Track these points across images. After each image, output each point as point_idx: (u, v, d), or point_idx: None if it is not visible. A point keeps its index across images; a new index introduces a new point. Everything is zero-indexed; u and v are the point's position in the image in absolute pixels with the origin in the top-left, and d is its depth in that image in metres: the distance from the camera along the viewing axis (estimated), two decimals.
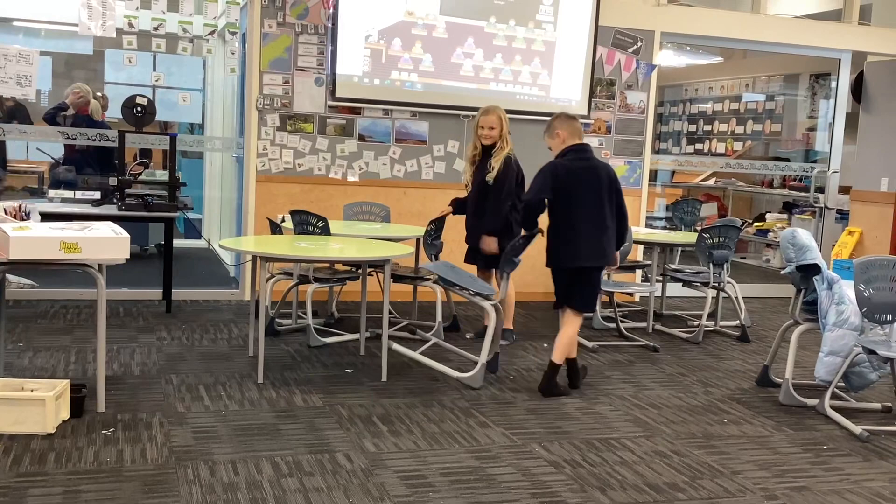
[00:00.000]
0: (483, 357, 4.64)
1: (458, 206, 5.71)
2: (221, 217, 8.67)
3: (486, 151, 5.45)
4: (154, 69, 7.72)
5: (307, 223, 5.32)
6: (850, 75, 8.35)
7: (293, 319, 5.75)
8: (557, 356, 4.52)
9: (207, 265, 8.05)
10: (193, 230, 7.87)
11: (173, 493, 3.10)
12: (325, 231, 5.27)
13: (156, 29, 6.51)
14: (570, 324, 4.55)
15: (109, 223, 4.14)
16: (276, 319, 5.60)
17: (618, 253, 4.65)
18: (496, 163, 5.35)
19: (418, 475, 3.37)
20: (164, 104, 7.50)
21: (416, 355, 4.80)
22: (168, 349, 5.12)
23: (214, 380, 4.52)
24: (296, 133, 6.60)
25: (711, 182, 10.48)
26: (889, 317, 4.32)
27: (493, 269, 5.37)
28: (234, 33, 6.82)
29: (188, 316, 6.06)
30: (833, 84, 8.47)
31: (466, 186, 5.63)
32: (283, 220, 5.71)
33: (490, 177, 5.35)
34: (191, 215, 7.69)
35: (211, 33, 6.87)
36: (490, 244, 5.34)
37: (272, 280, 5.39)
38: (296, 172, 6.64)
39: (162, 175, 6.78)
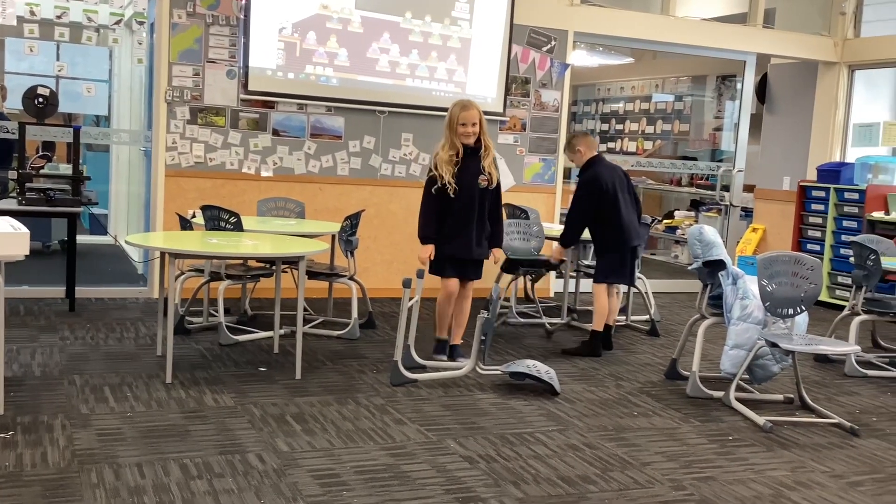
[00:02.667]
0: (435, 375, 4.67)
1: (434, 229, 4.93)
2: (129, 212, 8.41)
3: (468, 151, 4.89)
4: (57, 59, 7.43)
5: (219, 219, 5.20)
6: (755, 77, 8.64)
7: (204, 317, 5.62)
8: (610, 321, 5.62)
9: (114, 262, 7.80)
10: (99, 226, 7.63)
11: (76, 497, 2.99)
12: (238, 227, 5.17)
13: (59, 17, 6.28)
14: (613, 294, 5.66)
15: (7, 218, 3.96)
16: (187, 317, 5.46)
17: None
18: (492, 168, 4.93)
19: (332, 474, 3.33)
20: (67, 95, 7.23)
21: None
22: (71, 349, 4.94)
23: (120, 380, 4.38)
24: (207, 126, 6.45)
25: None
26: (790, 311, 4.49)
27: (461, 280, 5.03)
28: (141, 23, 6.63)
29: (93, 314, 5.86)
30: (738, 85, 8.76)
31: (446, 187, 4.81)
32: (193, 216, 5.57)
33: (486, 181, 4.90)
34: (96, 210, 7.45)
35: (117, 23, 6.67)
36: (500, 255, 5.15)
37: (182, 277, 5.26)
38: (207, 167, 6.49)
39: (65, 169, 6.54)
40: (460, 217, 4.89)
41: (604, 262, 5.61)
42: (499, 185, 5.04)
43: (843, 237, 7.78)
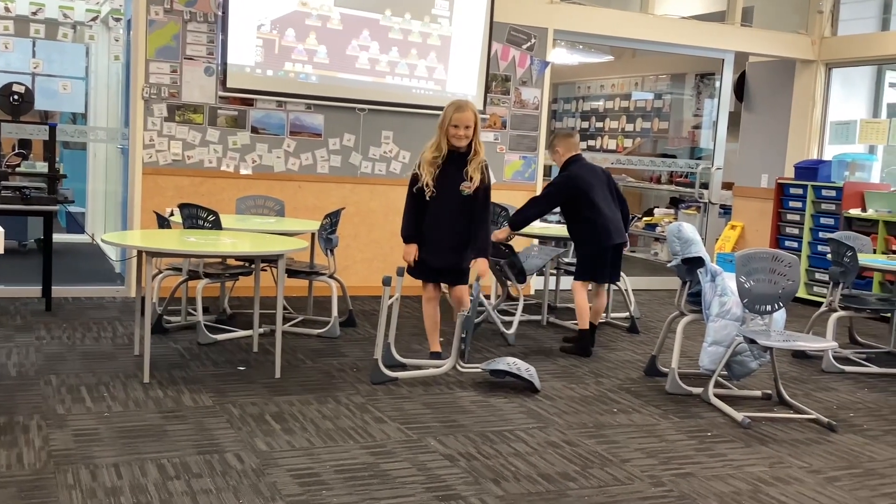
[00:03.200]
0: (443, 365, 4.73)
1: (414, 228, 4.80)
2: (106, 211, 8.35)
3: (455, 154, 4.68)
4: (33, 56, 7.36)
5: (197, 217, 5.16)
6: (733, 75, 8.69)
7: (182, 316, 5.57)
8: (595, 320, 5.61)
9: (91, 261, 7.73)
10: (76, 224, 7.56)
11: (52, 498, 2.95)
12: (216, 225, 5.13)
13: (34, 14, 6.21)
14: (603, 294, 5.78)
15: None
16: (165, 316, 5.42)
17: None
18: (476, 172, 4.68)
19: (312, 473, 3.31)
20: (44, 92, 7.15)
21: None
22: (47, 349, 4.89)
23: (97, 380, 4.34)
24: (185, 124, 6.40)
25: None
26: (768, 307, 4.51)
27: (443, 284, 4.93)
28: (118, 20, 6.57)
29: (70, 314, 5.80)
30: (717, 83, 8.80)
31: (427, 187, 4.68)
32: (171, 214, 5.52)
33: (468, 188, 4.69)
34: (73, 209, 7.39)
35: (94, 19, 6.61)
36: (482, 267, 4.80)
37: (160, 276, 5.22)
38: (185, 165, 6.44)
39: (41, 167, 6.47)
40: (435, 221, 4.76)
41: (580, 260, 5.63)
42: (487, 191, 4.78)
43: (821, 234, 7.84)
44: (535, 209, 5.55)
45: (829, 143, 8.48)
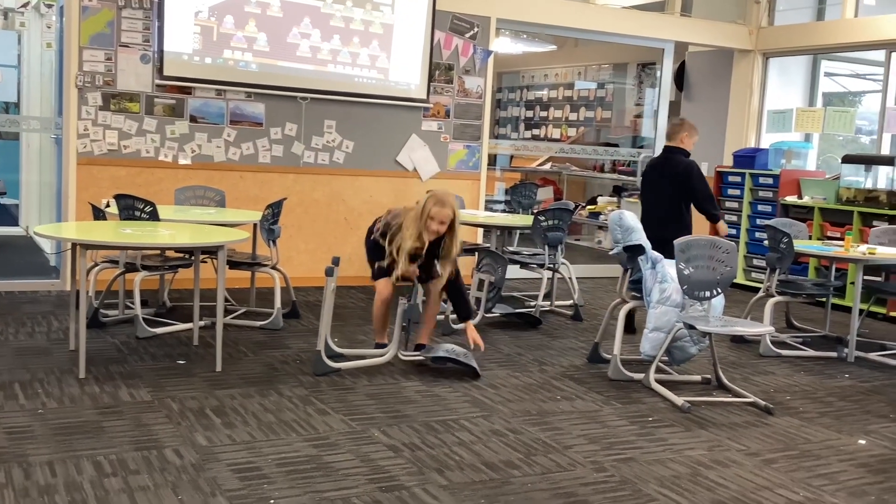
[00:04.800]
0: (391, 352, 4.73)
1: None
2: (40, 202, 8.12)
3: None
4: None
5: (133, 208, 5.05)
6: (673, 65, 8.79)
7: (120, 310, 5.45)
8: None
9: (25, 254, 7.53)
10: (9, 216, 7.34)
11: None
12: (154, 216, 5.03)
13: None
14: None
15: None
16: (101, 310, 5.30)
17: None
18: (444, 269, 4.63)
19: (253, 467, 3.27)
20: None
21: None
22: None
23: (31, 376, 4.22)
24: (120, 113, 6.25)
25: (548, 167, 10.80)
26: (707, 293, 4.59)
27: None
28: (50, 6, 6.37)
29: (2, 308, 5.63)
30: (658, 73, 8.90)
31: (397, 279, 4.64)
32: (107, 206, 5.39)
33: (439, 274, 4.66)
34: (6, 200, 7.18)
35: (25, 5, 6.41)
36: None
37: (96, 269, 5.09)
38: (121, 154, 6.29)
39: None
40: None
41: None
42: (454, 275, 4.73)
43: (758, 221, 7.99)
44: None
45: (767, 132, 8.65)
